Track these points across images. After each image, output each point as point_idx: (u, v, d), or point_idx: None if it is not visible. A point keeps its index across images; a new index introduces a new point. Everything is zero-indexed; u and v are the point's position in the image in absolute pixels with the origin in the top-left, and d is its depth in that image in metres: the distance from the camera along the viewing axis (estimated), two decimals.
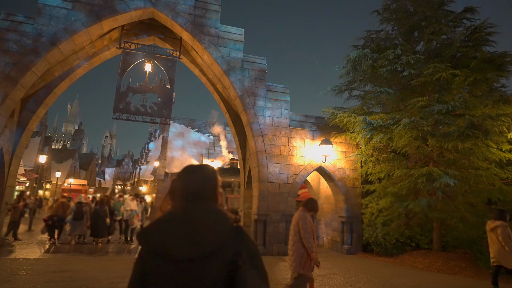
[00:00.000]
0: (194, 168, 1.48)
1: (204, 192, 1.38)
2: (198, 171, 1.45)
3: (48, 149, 39.39)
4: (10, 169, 9.89)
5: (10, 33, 8.68)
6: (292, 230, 4.45)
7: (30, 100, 10.13)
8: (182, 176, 1.43)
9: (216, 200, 1.40)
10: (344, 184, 10.76)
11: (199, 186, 1.39)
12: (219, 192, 1.43)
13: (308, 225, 4.34)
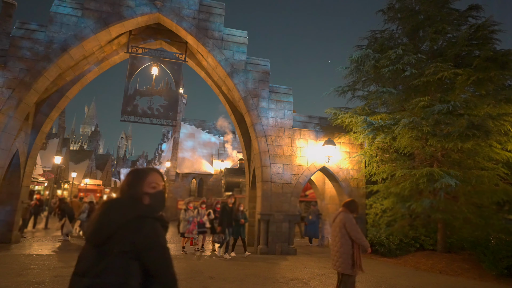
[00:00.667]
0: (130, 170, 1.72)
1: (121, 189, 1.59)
2: (129, 173, 1.68)
3: (66, 150, 40.64)
4: (25, 169, 10.39)
5: (24, 41, 9.14)
6: (337, 232, 4.46)
7: (44, 104, 10.61)
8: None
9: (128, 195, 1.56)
10: (348, 184, 10.78)
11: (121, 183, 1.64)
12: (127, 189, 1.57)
13: (356, 225, 4.41)
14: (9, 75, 8.85)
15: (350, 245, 4.34)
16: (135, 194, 1.57)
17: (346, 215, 4.48)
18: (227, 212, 9.02)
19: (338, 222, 4.52)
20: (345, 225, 4.39)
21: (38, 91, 9.42)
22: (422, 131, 7.79)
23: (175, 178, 24.75)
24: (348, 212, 4.53)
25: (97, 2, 9.70)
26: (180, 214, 9.86)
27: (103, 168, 52.48)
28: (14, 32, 9.20)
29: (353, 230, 4.34)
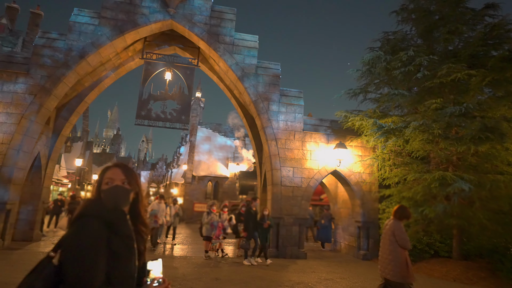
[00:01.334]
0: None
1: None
2: None
3: (89, 153, 42.12)
4: (46, 171, 10.90)
5: (46, 49, 9.63)
6: (386, 239, 4.41)
7: (64, 108, 11.11)
8: None
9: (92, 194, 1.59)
10: (360, 188, 10.63)
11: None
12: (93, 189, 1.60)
13: (404, 233, 4.33)
14: (31, 81, 9.35)
15: (399, 252, 4.25)
16: (93, 192, 1.56)
17: (395, 223, 4.40)
18: (252, 216, 8.63)
19: (387, 229, 4.46)
20: (394, 233, 4.32)
21: (58, 97, 9.88)
22: (433, 134, 7.59)
23: (191, 181, 25.12)
24: (397, 219, 4.45)
25: (112, 10, 10.10)
26: (203, 218, 9.47)
27: None
28: (36, 41, 9.71)
29: (401, 238, 4.26)
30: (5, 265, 6.76)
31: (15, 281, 5.32)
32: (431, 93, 9.05)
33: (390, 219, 4.57)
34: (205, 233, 9.36)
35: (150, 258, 1.58)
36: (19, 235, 9.97)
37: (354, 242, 10.85)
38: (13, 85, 9.24)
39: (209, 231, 9.27)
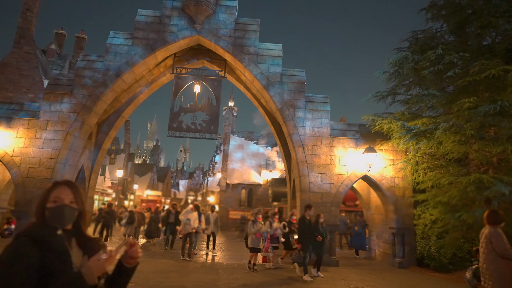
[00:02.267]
0: None
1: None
2: None
3: (131, 164, 44.50)
4: (90, 182, 11.78)
5: (86, 71, 10.53)
6: (484, 249, 4.10)
7: (104, 124, 11.99)
8: None
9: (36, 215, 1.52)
10: (393, 193, 10.28)
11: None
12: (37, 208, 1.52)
13: (503, 240, 3.97)
14: (74, 101, 10.24)
15: (501, 263, 3.88)
16: (37, 208, 1.52)
17: (491, 229, 4.04)
18: (306, 226, 7.75)
19: (484, 238, 4.16)
20: (491, 240, 3.99)
21: (98, 113, 10.72)
22: (465, 135, 7.21)
23: (226, 189, 25.61)
24: (492, 225, 4.10)
25: (144, 30, 10.81)
26: (248, 227, 8.57)
27: (164, 180, 56.17)
28: (78, 64, 10.65)
29: (498, 246, 3.91)
30: None
31: None
32: (465, 91, 8.61)
33: (485, 226, 4.19)
34: (251, 244, 8.42)
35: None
36: None
37: (389, 249, 10.46)
38: (59, 105, 10.18)
39: (255, 242, 8.39)
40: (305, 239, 7.70)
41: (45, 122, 10.02)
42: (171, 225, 11.69)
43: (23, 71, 16.03)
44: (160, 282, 6.85)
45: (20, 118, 10.00)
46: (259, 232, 8.39)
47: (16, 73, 15.94)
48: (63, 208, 1.49)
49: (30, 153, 9.79)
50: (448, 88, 10.00)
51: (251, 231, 8.41)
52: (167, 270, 8.18)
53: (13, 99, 15.17)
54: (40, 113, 10.07)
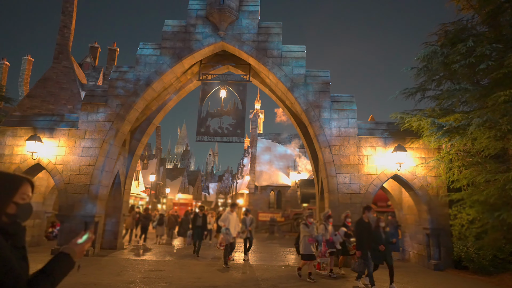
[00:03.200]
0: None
1: None
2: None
3: (162, 169, 45.99)
4: (125, 187, 12.39)
5: (119, 81, 11.12)
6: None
7: (136, 131, 12.56)
8: None
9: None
10: (425, 192, 9.93)
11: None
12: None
13: None
14: (109, 110, 10.85)
15: None
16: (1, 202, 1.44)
17: None
18: (366, 230, 6.79)
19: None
20: None
21: (131, 121, 11.27)
22: (501, 129, 6.86)
23: (255, 191, 25.80)
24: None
25: (171, 40, 11.24)
26: (300, 231, 7.65)
27: (194, 184, 57.50)
28: (111, 75, 11.27)
29: None
30: (95, 269, 7.90)
31: (103, 282, 6.29)
32: (500, 84, 8.18)
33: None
34: (303, 250, 7.36)
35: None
36: (105, 244, 11.45)
37: (424, 250, 10.11)
38: (95, 115, 10.83)
39: (308, 247, 7.34)
40: (364, 244, 6.68)
41: (83, 131, 10.69)
42: (198, 229, 10.98)
43: (62, 84, 17.17)
44: (193, 282, 7.10)
45: (61, 129, 10.74)
46: (311, 237, 7.35)
47: (56, 86, 17.10)
48: (30, 206, 1.51)
49: (71, 161, 10.49)
50: (482, 81, 9.54)
51: (303, 235, 7.40)
52: (199, 270, 8.44)
53: (54, 110, 16.29)
54: (79, 123, 10.77)
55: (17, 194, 1.47)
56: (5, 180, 1.47)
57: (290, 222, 21.07)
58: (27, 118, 11.14)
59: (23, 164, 10.53)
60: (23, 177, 1.55)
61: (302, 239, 7.49)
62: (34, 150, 10.20)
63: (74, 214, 9.96)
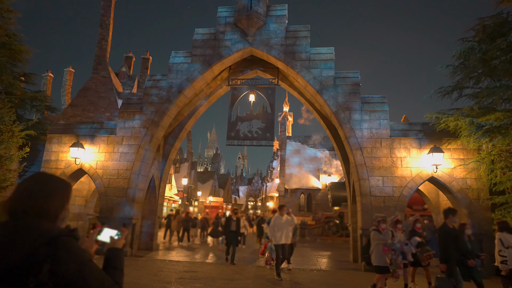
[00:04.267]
0: (28, 180, 1.42)
1: (26, 207, 1.31)
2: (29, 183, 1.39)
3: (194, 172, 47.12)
4: (159, 190, 12.88)
5: (153, 89, 11.62)
6: None
7: (169, 136, 13.04)
8: (15, 188, 1.39)
9: (45, 216, 1.33)
10: (465, 195, 9.47)
11: (21, 200, 1.33)
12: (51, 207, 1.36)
13: None
14: (144, 117, 11.37)
15: None
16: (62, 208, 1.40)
17: None
18: (452, 238, 5.62)
19: None
20: None
21: (164, 127, 11.73)
22: None
23: (284, 194, 25.74)
24: None
25: (201, 48, 11.60)
26: (372, 239, 6.35)
27: (224, 187, 58.34)
28: (146, 84, 11.81)
29: None
30: (132, 270, 8.29)
31: (140, 282, 6.60)
32: None
33: None
34: (376, 261, 6.13)
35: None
36: (142, 245, 11.95)
37: None
38: (131, 122, 11.39)
39: (382, 258, 6.08)
40: (452, 257, 5.54)
41: (120, 137, 11.27)
42: (232, 234, 10.03)
43: (101, 93, 18.17)
44: (226, 283, 7.25)
45: (101, 135, 11.40)
46: (386, 246, 6.06)
47: (95, 95, 18.14)
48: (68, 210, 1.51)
49: (110, 166, 11.09)
50: None
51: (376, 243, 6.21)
52: (231, 272, 8.60)
53: (94, 118, 17.28)
54: (117, 129, 11.37)
55: (69, 197, 1.47)
56: (61, 185, 1.45)
57: (321, 226, 20.80)
58: (70, 126, 11.93)
59: (67, 169, 11.28)
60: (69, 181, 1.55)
61: (375, 248, 6.20)
62: (77, 156, 10.90)
63: (114, 216, 10.50)
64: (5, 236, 1.23)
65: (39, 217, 1.31)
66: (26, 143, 11.82)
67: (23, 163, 12.18)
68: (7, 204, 1.34)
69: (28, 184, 1.39)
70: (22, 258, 1.18)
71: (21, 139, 11.34)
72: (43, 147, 12.17)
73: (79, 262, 1.25)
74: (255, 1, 11.00)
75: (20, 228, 1.25)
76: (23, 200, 1.33)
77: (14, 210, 1.32)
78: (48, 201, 1.36)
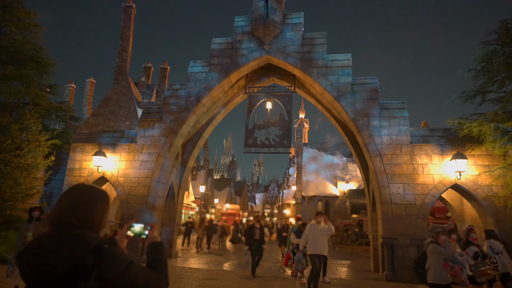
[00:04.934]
0: (70, 191, 1.49)
1: (71, 219, 1.39)
2: (72, 195, 1.47)
3: (210, 179, 47.43)
4: (178, 198, 13.05)
5: (172, 98, 11.87)
6: None
7: (188, 144, 13.24)
8: (58, 200, 1.47)
9: (90, 226, 1.42)
10: (491, 203, 9.13)
11: (66, 212, 1.41)
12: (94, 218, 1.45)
13: None
14: (163, 126, 11.60)
15: None
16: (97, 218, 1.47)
17: None
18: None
19: None
20: None
21: (183, 135, 11.93)
22: None
23: (302, 201, 25.53)
24: None
25: (218, 57, 11.79)
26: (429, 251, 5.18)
27: (241, 194, 58.37)
28: (165, 93, 12.08)
29: None
30: None
31: None
32: None
33: None
34: (434, 278, 5.06)
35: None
36: None
37: None
38: (151, 130, 11.64)
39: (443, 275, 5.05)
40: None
41: (141, 146, 11.54)
42: (256, 244, 9.32)
43: (121, 102, 18.69)
44: None
45: (122, 144, 11.70)
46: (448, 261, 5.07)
47: (116, 105, 18.67)
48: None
49: (131, 174, 11.34)
50: None
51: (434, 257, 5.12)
52: (257, 284, 8.57)
53: (114, 127, 17.77)
54: (137, 138, 11.64)
55: (109, 209, 1.57)
56: (102, 196, 1.53)
57: (339, 234, 20.45)
58: (93, 135, 12.31)
59: (90, 177, 11.61)
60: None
61: (434, 262, 5.16)
62: (99, 164, 11.22)
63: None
64: (53, 247, 1.31)
65: (84, 228, 1.40)
66: (51, 152, 12.29)
67: (48, 171, 12.66)
68: (52, 216, 1.42)
69: (71, 196, 1.47)
70: (71, 267, 1.25)
71: (47, 148, 11.81)
72: (67, 156, 12.60)
73: (123, 265, 1.33)
74: (271, 10, 11.13)
75: (67, 239, 1.33)
76: (68, 212, 1.41)
77: (59, 222, 1.40)
78: (91, 213, 1.44)
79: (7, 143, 10.56)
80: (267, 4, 11.18)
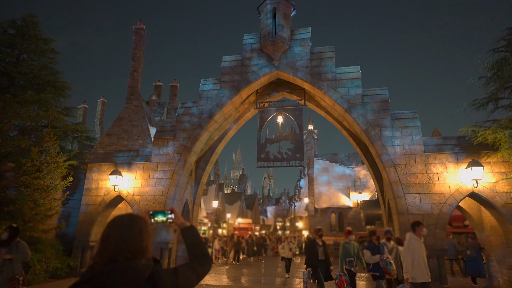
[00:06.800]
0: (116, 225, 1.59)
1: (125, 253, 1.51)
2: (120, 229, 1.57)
3: (221, 194, 47.41)
4: (193, 214, 13.14)
5: (185, 116, 12.12)
6: None
7: (201, 161, 13.42)
8: (103, 233, 1.58)
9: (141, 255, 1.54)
10: (511, 211, 8.98)
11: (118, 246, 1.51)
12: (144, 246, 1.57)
13: None
14: (177, 143, 11.82)
15: None
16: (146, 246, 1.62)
17: None
18: None
19: None
20: None
21: (196, 152, 12.12)
22: None
23: (314, 214, 25.31)
24: None
25: (229, 74, 12.06)
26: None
27: (252, 207, 57.99)
28: (178, 112, 12.35)
29: None
30: None
31: None
32: None
33: None
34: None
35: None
36: None
37: None
38: (165, 148, 11.87)
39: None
40: None
41: (156, 164, 11.75)
42: (322, 265, 7.68)
43: (134, 121, 19.09)
44: None
45: (137, 163, 11.94)
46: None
47: (129, 124, 19.07)
48: None
49: (146, 192, 11.52)
50: None
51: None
52: None
53: (128, 145, 18.11)
54: (152, 156, 11.87)
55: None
56: (144, 223, 1.67)
57: None
58: (109, 155, 12.59)
59: (107, 196, 11.83)
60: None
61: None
62: (115, 183, 11.43)
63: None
64: (113, 279, 1.42)
65: (136, 258, 1.52)
66: (69, 173, 12.57)
67: (66, 191, 12.93)
68: (103, 251, 1.52)
69: (119, 230, 1.57)
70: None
71: (65, 169, 12.10)
72: (83, 176, 12.88)
73: (173, 278, 1.51)
74: (279, 27, 11.41)
75: (125, 270, 1.45)
76: (120, 246, 1.51)
77: (114, 256, 1.49)
78: (141, 243, 1.57)
79: (28, 165, 10.87)
80: (275, 21, 11.48)
